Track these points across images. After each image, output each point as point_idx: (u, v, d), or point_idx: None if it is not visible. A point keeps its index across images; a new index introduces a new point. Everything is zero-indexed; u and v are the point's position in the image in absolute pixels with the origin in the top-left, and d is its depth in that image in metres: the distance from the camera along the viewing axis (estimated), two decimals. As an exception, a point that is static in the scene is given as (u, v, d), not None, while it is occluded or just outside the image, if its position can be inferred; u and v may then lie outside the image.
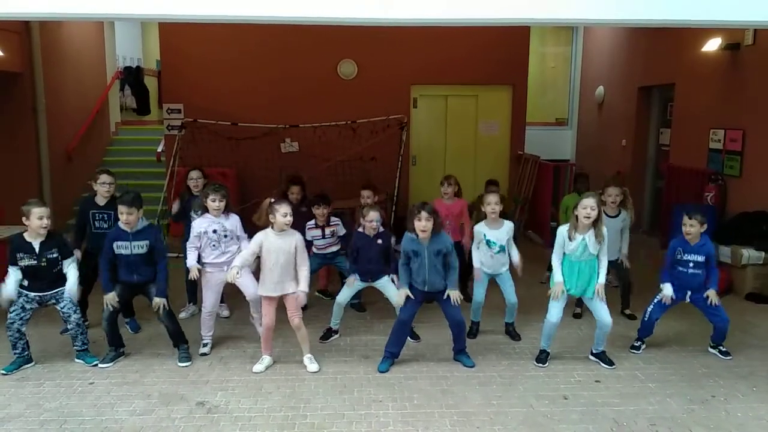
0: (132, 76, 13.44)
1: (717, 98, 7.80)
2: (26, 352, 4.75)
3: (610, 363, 4.81)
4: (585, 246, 4.62)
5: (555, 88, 12.27)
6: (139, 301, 5.18)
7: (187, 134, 8.82)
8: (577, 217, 4.61)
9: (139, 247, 4.76)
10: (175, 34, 9.02)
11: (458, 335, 4.81)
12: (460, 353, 4.85)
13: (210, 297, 5.07)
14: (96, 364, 4.77)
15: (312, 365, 4.72)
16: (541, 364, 4.82)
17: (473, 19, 4.35)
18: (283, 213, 4.54)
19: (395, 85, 9.29)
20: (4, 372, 4.62)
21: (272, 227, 4.60)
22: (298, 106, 9.02)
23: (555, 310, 4.74)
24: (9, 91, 8.50)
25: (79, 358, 4.83)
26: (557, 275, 4.74)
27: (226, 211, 5.06)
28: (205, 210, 5.05)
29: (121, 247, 4.74)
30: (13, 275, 4.64)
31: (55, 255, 4.68)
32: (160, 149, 10.05)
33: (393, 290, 5.18)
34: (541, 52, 12.08)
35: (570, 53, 12.05)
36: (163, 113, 9.61)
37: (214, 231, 5.00)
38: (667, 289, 4.92)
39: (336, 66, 9.33)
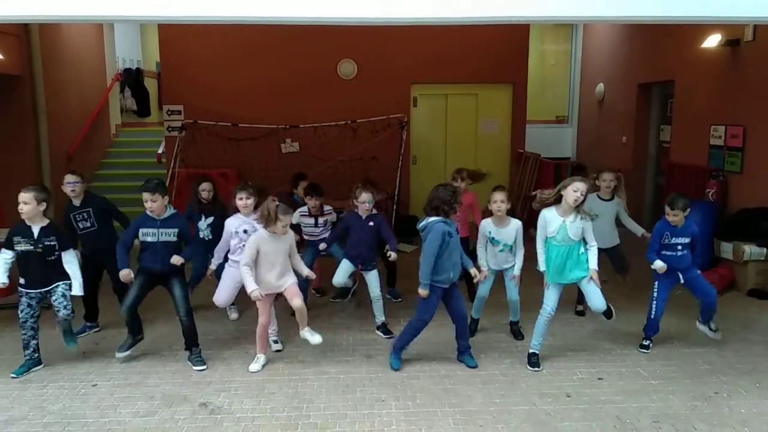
0: (132, 78, 13.45)
1: (717, 94, 7.79)
2: (37, 354, 4.74)
3: (609, 316, 4.80)
4: (565, 230, 4.58)
5: (555, 86, 12.25)
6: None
7: (188, 135, 8.82)
8: (561, 197, 4.58)
9: (167, 234, 4.71)
10: (174, 36, 9.02)
11: (463, 330, 4.77)
12: (463, 354, 4.82)
13: (224, 291, 5.06)
14: (73, 349, 4.71)
15: (314, 337, 4.67)
16: (536, 369, 4.73)
17: (473, 17, 4.34)
18: (283, 224, 4.52)
19: (395, 84, 9.29)
20: (14, 375, 4.61)
21: (268, 228, 4.56)
22: (298, 107, 9.02)
23: (551, 301, 4.71)
24: (9, 94, 8.50)
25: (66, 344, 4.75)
26: (541, 264, 4.74)
27: (256, 209, 5.04)
28: (235, 210, 5.09)
29: (148, 235, 4.70)
30: (2, 256, 4.59)
31: (52, 243, 4.62)
32: (160, 151, 10.06)
33: (375, 282, 5.27)
34: (541, 49, 12.07)
35: (570, 51, 12.03)
36: (163, 115, 9.62)
37: (245, 231, 5.02)
38: (658, 264, 4.91)
39: (336, 66, 9.33)
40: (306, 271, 4.75)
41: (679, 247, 4.88)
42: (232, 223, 5.09)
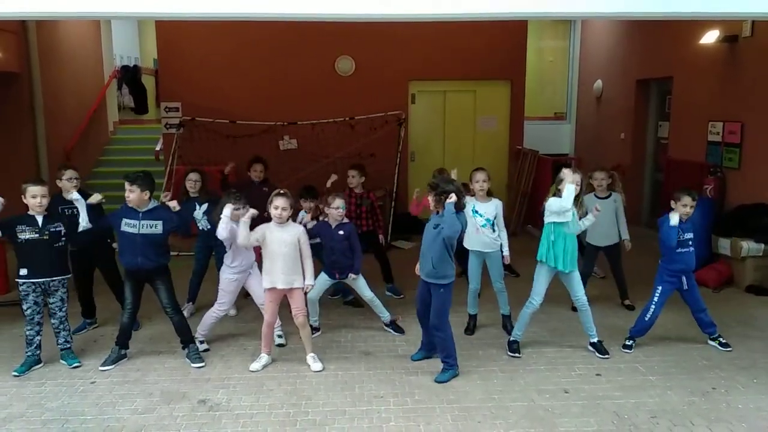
0: (129, 75, 13.44)
1: (715, 91, 7.79)
2: (38, 352, 4.72)
3: (605, 353, 4.83)
4: (575, 215, 4.74)
5: (553, 83, 12.25)
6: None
7: (186, 132, 8.81)
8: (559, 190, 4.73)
9: (150, 226, 4.66)
10: (172, 32, 9.00)
11: (439, 344, 4.59)
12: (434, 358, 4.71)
13: (225, 299, 5.03)
14: (77, 366, 4.71)
15: (315, 364, 4.70)
16: (516, 355, 4.85)
17: (471, 13, 4.34)
18: (275, 206, 4.54)
19: (393, 81, 9.28)
20: (16, 374, 4.59)
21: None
22: (296, 104, 9.01)
23: (539, 293, 4.76)
24: (7, 91, 8.48)
25: (62, 359, 4.78)
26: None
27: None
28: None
29: (128, 225, 4.66)
30: None
31: (58, 229, 4.63)
32: (158, 148, 10.05)
33: (363, 285, 5.23)
34: (539, 46, 12.05)
35: (568, 47, 12.02)
36: (161, 112, 9.60)
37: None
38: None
39: (334, 62, 9.32)
40: (308, 281, 4.67)
41: (690, 243, 4.90)
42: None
